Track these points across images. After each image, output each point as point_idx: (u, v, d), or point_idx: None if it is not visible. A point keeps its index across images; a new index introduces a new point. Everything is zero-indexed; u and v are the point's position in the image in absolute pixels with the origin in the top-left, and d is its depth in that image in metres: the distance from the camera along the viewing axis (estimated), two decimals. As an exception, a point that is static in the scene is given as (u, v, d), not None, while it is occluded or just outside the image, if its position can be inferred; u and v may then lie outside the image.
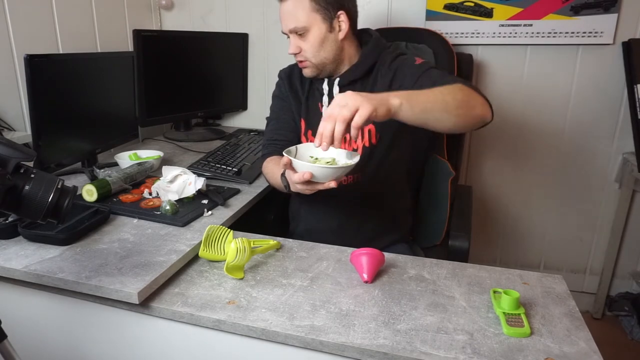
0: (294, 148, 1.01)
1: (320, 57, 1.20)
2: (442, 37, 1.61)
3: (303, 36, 1.17)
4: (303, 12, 1.15)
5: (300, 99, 1.30)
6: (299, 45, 1.18)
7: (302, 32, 1.17)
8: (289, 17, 1.16)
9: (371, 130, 1.22)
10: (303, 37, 1.17)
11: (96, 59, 1.59)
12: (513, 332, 0.76)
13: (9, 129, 1.48)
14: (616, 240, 1.95)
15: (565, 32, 1.78)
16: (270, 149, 1.28)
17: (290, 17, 1.16)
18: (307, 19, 1.15)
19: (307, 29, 1.16)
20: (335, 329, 0.77)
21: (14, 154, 0.69)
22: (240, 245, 0.90)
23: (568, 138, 1.92)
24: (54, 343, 0.97)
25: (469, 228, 1.36)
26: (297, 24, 1.16)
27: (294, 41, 1.18)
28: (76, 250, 0.97)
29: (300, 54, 1.20)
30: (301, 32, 1.17)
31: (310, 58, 1.20)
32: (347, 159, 0.97)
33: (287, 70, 1.35)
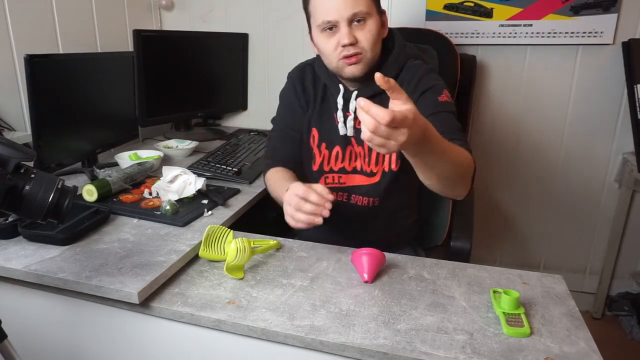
0: None
1: (375, 52, 1.07)
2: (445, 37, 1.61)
3: (361, 24, 1.03)
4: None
5: (314, 105, 1.20)
6: (354, 34, 1.03)
7: (361, 19, 1.03)
8: (349, 2, 1.01)
9: (392, 155, 1.13)
10: (361, 25, 1.03)
11: (96, 59, 1.59)
12: (513, 332, 0.76)
13: (9, 129, 1.48)
14: (616, 240, 1.95)
15: (565, 32, 1.78)
16: (274, 160, 1.21)
17: (351, 1, 1.01)
18: (368, 5, 1.03)
19: (369, 15, 1.03)
20: (335, 329, 0.77)
21: (14, 154, 0.69)
22: (240, 245, 0.90)
23: (568, 138, 1.92)
24: (54, 343, 0.97)
25: (471, 229, 1.35)
26: (361, 8, 1.02)
27: (349, 30, 1.02)
28: (76, 250, 0.97)
29: (356, 45, 1.04)
30: (361, 18, 1.03)
31: (368, 50, 1.05)
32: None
33: (298, 72, 1.25)
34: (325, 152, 1.18)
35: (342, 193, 1.19)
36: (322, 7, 1.04)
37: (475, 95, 1.94)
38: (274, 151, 1.23)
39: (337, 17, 1.02)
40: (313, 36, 1.11)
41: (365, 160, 1.15)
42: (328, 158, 1.18)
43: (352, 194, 1.19)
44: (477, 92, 1.94)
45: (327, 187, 1.13)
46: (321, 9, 1.04)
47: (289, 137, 1.23)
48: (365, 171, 1.16)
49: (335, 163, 1.18)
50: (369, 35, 1.04)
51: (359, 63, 1.05)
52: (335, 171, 1.19)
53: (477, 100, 1.95)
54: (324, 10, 1.03)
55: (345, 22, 1.02)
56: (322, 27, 1.05)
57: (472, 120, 1.97)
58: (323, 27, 1.04)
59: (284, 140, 1.23)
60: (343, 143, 1.16)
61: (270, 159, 1.23)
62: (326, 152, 1.18)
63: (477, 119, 1.98)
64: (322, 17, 1.04)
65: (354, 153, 1.17)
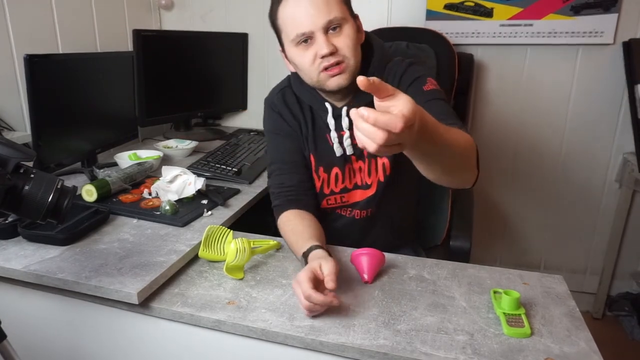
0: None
1: (357, 58, 1.00)
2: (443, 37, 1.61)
3: (337, 31, 0.96)
4: (336, 3, 0.95)
5: (306, 131, 1.11)
6: (332, 42, 0.96)
7: (337, 26, 0.95)
8: (322, 9, 0.93)
9: (385, 164, 1.09)
10: (337, 32, 0.96)
11: (96, 59, 1.59)
12: (513, 333, 0.76)
13: (9, 129, 1.47)
14: (616, 240, 1.95)
15: (566, 32, 1.78)
16: (282, 199, 1.08)
17: (324, 8, 0.93)
18: (342, 10, 0.96)
19: (344, 21, 0.96)
20: (335, 329, 0.77)
21: (13, 154, 0.69)
22: (240, 245, 0.90)
23: (568, 138, 1.92)
24: (53, 343, 0.97)
25: (470, 228, 1.35)
26: (335, 14, 0.94)
27: (326, 39, 0.95)
28: (76, 251, 0.97)
29: (337, 54, 0.96)
30: (337, 25, 0.95)
31: (350, 57, 0.97)
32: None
33: (278, 98, 1.13)
34: (324, 176, 1.12)
35: (346, 209, 1.16)
36: (293, 20, 0.96)
37: (476, 95, 1.94)
38: (280, 188, 1.09)
39: (312, 27, 0.94)
40: (287, 53, 1.03)
41: (364, 173, 1.11)
42: (327, 181, 1.13)
43: (355, 210, 1.16)
44: (478, 92, 1.94)
45: (330, 207, 1.12)
46: (292, 22, 0.96)
47: (292, 165, 1.11)
48: (363, 185, 1.12)
49: (335, 184, 1.13)
50: (348, 41, 0.96)
51: (344, 72, 0.98)
52: (337, 192, 1.14)
53: (477, 100, 1.95)
54: (296, 22, 0.95)
55: (320, 31, 0.94)
56: (297, 41, 0.96)
57: (472, 120, 1.97)
58: (297, 40, 0.96)
59: (288, 171, 1.11)
60: (342, 163, 1.11)
61: (278, 199, 1.09)
62: (325, 176, 1.12)
63: (478, 118, 1.98)
64: (295, 30, 0.95)
65: (354, 170, 1.12)
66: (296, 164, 1.11)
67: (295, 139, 1.12)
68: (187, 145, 1.74)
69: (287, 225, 1.03)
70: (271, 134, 1.15)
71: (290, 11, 0.96)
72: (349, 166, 1.12)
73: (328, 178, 1.12)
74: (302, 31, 0.95)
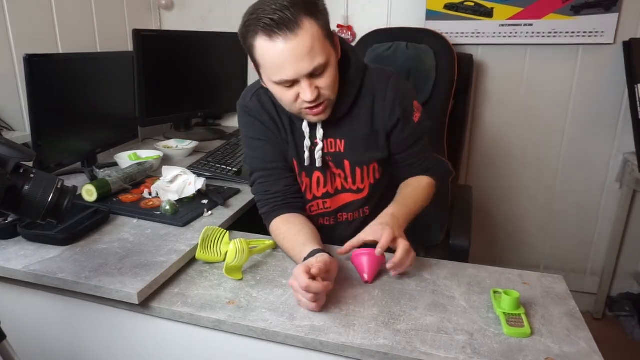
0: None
1: (336, 91, 0.97)
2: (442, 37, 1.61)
3: (321, 75, 0.91)
4: (320, 44, 0.88)
5: (285, 134, 1.07)
6: (317, 86, 0.92)
7: (322, 71, 0.91)
8: (305, 58, 0.87)
9: (375, 167, 1.09)
10: (321, 75, 0.92)
11: (96, 59, 1.59)
12: (513, 332, 0.76)
13: (9, 129, 1.48)
14: (617, 240, 1.95)
15: (566, 32, 1.78)
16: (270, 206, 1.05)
17: (307, 57, 0.87)
18: (324, 50, 0.90)
19: (327, 63, 0.91)
20: (335, 329, 0.77)
21: (13, 154, 0.69)
22: (239, 246, 0.90)
23: (568, 138, 1.92)
24: (53, 343, 0.97)
25: (469, 228, 1.36)
26: (319, 60, 0.89)
27: (310, 84, 0.91)
28: (76, 250, 0.97)
29: (319, 96, 0.93)
30: (321, 69, 0.91)
31: (331, 94, 0.95)
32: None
33: (253, 101, 1.07)
34: (306, 180, 1.10)
35: (329, 218, 1.14)
36: (276, 66, 0.90)
37: (476, 95, 1.94)
38: (266, 195, 1.06)
39: (297, 75, 0.89)
40: (264, 79, 0.98)
41: (348, 180, 1.09)
42: (310, 186, 1.10)
43: (339, 214, 1.13)
44: (478, 91, 1.94)
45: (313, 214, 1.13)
46: (275, 68, 0.90)
47: (275, 171, 1.06)
48: (352, 189, 1.11)
49: (317, 189, 1.10)
50: (330, 82, 0.93)
51: (325, 111, 0.97)
52: (319, 197, 1.11)
53: (477, 100, 1.95)
54: (279, 69, 0.89)
55: (305, 78, 0.90)
56: (279, 84, 0.93)
57: (472, 120, 1.97)
58: (280, 83, 0.92)
59: (272, 177, 1.06)
60: (322, 168, 1.08)
61: (265, 206, 1.06)
62: (307, 180, 1.10)
63: (478, 118, 1.97)
64: (279, 76, 0.90)
65: (334, 174, 1.10)
66: (279, 169, 1.07)
67: (275, 142, 1.07)
68: (187, 145, 1.74)
69: (279, 235, 1.01)
70: (249, 139, 1.09)
71: (272, 58, 0.89)
72: (330, 171, 1.09)
73: (310, 183, 1.10)
74: (286, 79, 0.90)
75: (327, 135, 1.05)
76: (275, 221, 1.03)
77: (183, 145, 1.75)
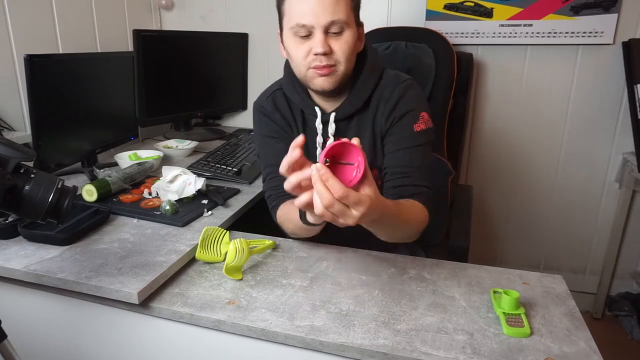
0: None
1: (349, 65, 0.98)
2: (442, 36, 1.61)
3: (337, 35, 0.95)
4: (345, 5, 0.94)
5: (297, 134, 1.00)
6: (329, 43, 0.94)
7: (339, 30, 0.94)
8: (328, 8, 0.92)
9: (376, 175, 1.07)
10: (337, 36, 0.95)
11: (96, 59, 1.59)
12: (513, 332, 0.76)
13: (9, 129, 1.48)
14: (616, 240, 1.95)
15: (565, 32, 1.78)
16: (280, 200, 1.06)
17: (330, 8, 0.92)
18: (347, 15, 0.94)
19: (347, 26, 0.95)
20: (335, 329, 0.77)
21: (14, 154, 0.69)
22: (239, 245, 0.90)
23: (568, 138, 1.92)
24: (54, 343, 0.97)
25: (469, 228, 1.36)
26: (340, 16, 0.93)
27: (324, 38, 0.93)
28: (76, 250, 0.97)
29: (330, 56, 0.95)
30: (338, 29, 0.94)
31: (342, 62, 0.96)
32: None
33: (267, 101, 1.11)
34: None
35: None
36: (297, 9, 0.94)
37: (475, 95, 1.94)
38: (276, 190, 1.07)
39: (313, 22, 0.92)
40: (283, 37, 1.02)
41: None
42: None
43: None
44: (477, 92, 1.94)
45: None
46: (296, 11, 0.94)
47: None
48: None
49: None
50: (345, 47, 0.95)
51: (331, 75, 0.97)
52: None
53: (477, 100, 1.95)
54: (300, 12, 0.93)
55: (321, 29, 0.93)
56: (295, 31, 0.95)
57: (472, 120, 1.97)
58: (296, 30, 0.95)
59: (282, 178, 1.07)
60: None
61: (274, 200, 1.07)
62: None
63: (477, 118, 1.98)
64: (297, 19, 0.94)
65: None
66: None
67: (287, 140, 1.06)
68: (187, 145, 1.74)
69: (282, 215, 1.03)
70: (262, 137, 1.12)
71: (298, 0, 0.95)
72: None
73: None
74: (303, 23, 0.93)
75: (338, 133, 1.05)
76: (280, 207, 1.05)
77: (183, 145, 1.75)
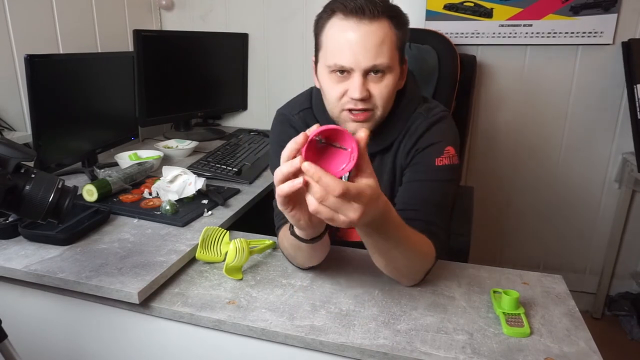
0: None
1: (387, 109, 0.91)
2: (445, 38, 1.61)
3: (378, 77, 0.86)
4: (389, 47, 0.85)
5: None
6: (368, 88, 0.86)
7: (380, 74, 0.86)
8: (370, 50, 0.83)
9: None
10: (378, 78, 0.86)
11: (96, 59, 1.60)
12: (513, 332, 0.76)
13: (9, 129, 1.48)
14: (616, 240, 1.95)
15: (565, 32, 1.78)
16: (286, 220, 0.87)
17: (372, 50, 0.83)
18: (392, 57, 0.86)
19: (389, 69, 0.87)
20: (335, 329, 0.77)
21: (14, 154, 0.69)
22: (239, 245, 0.90)
23: (568, 137, 1.93)
24: (54, 343, 0.97)
25: (470, 228, 1.36)
26: (383, 60, 0.84)
27: (363, 82, 0.85)
28: (76, 250, 0.97)
29: (368, 101, 0.87)
30: (380, 72, 0.86)
31: (380, 107, 0.88)
32: None
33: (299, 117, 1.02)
34: None
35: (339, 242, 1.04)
36: (337, 47, 0.86)
37: (475, 95, 1.94)
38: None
39: (353, 64, 0.84)
40: (318, 70, 0.93)
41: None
42: None
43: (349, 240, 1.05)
44: (477, 92, 1.94)
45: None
46: (335, 49, 0.86)
47: None
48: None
49: None
50: (384, 92, 0.87)
51: (367, 122, 0.89)
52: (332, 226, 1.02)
53: (477, 100, 1.95)
54: (339, 51, 0.85)
55: (360, 72, 0.85)
56: (332, 69, 0.87)
57: (472, 120, 1.97)
58: (333, 69, 0.87)
59: None
60: None
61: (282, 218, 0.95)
62: None
63: (477, 118, 1.98)
64: (335, 59, 0.86)
65: None
66: None
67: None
68: (187, 145, 1.74)
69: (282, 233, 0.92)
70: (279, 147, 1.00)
71: (338, 37, 0.85)
72: None
73: None
74: (342, 64, 0.85)
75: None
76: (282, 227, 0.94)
77: (183, 145, 1.75)
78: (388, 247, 0.77)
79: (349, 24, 0.84)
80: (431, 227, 0.86)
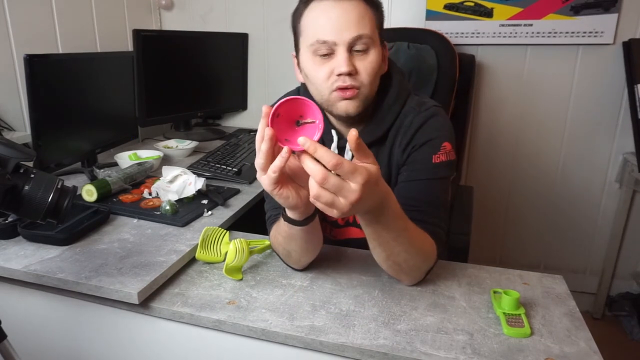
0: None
1: (373, 88, 0.90)
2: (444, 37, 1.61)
3: (362, 54, 0.86)
4: (370, 21, 0.86)
5: None
6: (354, 63, 0.85)
7: (364, 48, 0.85)
8: (352, 22, 0.83)
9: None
10: (362, 55, 0.86)
11: (96, 59, 1.59)
12: (513, 333, 0.76)
13: (9, 129, 1.48)
14: (616, 240, 1.95)
15: (565, 32, 1.78)
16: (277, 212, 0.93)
17: (355, 22, 0.84)
18: (373, 31, 0.86)
19: (372, 43, 0.86)
20: (335, 329, 0.77)
21: (13, 154, 0.69)
22: (239, 246, 0.90)
23: (568, 138, 1.92)
24: (54, 343, 0.97)
25: (469, 228, 1.35)
26: (366, 31, 0.84)
27: (348, 57, 0.84)
28: (76, 250, 0.97)
29: (355, 77, 0.86)
30: (364, 46, 0.85)
31: (366, 85, 0.87)
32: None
33: None
34: None
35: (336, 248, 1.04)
36: (317, 25, 0.85)
37: (475, 95, 1.94)
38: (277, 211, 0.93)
39: (336, 38, 0.83)
40: (300, 59, 0.92)
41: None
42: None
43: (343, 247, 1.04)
44: (477, 92, 1.94)
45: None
46: (315, 27, 0.85)
47: None
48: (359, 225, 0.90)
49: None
50: (369, 68, 0.86)
51: (355, 99, 0.87)
52: (328, 222, 1.04)
53: (477, 100, 1.95)
54: (320, 28, 0.84)
55: (344, 46, 0.84)
56: (315, 49, 0.86)
57: (472, 120, 1.97)
58: (316, 48, 0.85)
59: None
60: None
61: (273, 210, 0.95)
62: None
63: (477, 118, 1.98)
64: (316, 35, 0.85)
65: None
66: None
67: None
68: (187, 145, 1.74)
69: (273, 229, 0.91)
70: None
71: (318, 16, 0.85)
72: None
73: None
74: (324, 39, 0.84)
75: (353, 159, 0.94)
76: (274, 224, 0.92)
77: (183, 145, 1.75)
78: (389, 237, 0.76)
79: (328, 4, 0.85)
80: (432, 226, 0.86)
